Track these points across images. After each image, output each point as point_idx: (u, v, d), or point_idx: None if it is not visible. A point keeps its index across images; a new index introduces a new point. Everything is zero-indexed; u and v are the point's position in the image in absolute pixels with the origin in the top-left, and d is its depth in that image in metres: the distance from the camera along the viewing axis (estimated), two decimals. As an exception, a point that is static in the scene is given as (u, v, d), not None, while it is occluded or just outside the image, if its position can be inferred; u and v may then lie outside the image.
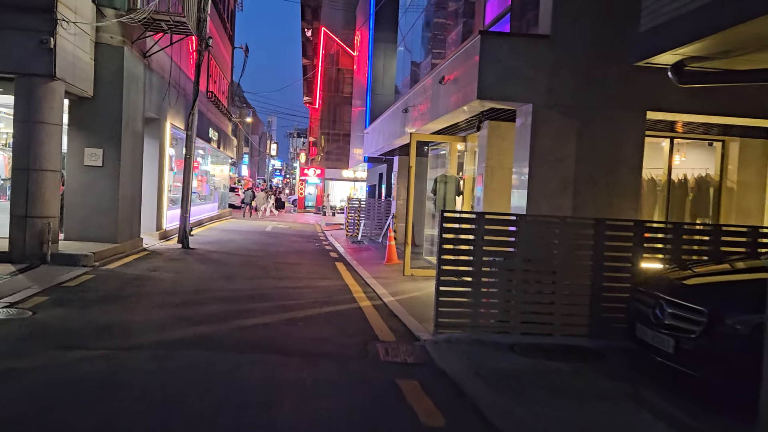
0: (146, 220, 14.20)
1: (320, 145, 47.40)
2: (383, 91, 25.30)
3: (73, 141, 11.10)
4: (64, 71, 9.47)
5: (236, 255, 12.72)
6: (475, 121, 9.25)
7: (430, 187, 13.50)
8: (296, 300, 7.97)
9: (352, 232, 20.42)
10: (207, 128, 21.66)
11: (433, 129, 10.29)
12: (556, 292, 6.32)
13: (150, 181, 14.26)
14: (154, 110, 13.85)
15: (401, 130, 12.34)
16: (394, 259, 12.49)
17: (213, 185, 26.67)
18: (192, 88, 18.49)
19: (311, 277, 10.28)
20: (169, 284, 8.52)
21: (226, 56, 27.76)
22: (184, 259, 11.39)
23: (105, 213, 11.19)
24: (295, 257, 13.23)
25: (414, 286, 9.51)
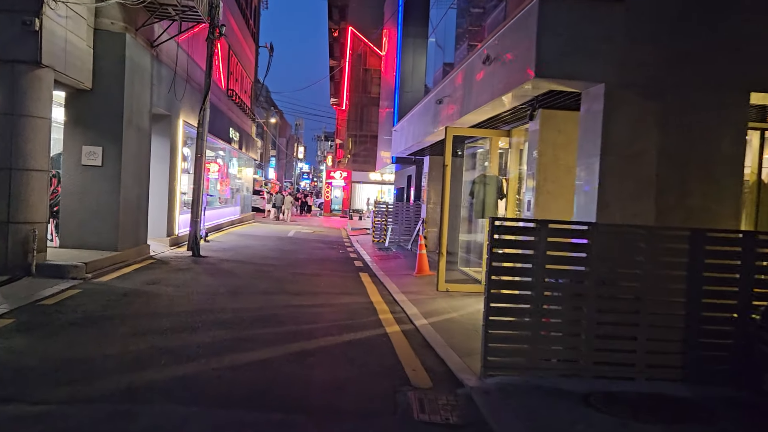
0: (156, 226, 13.11)
1: (347, 147, 46.36)
2: (412, 88, 23.98)
3: (70, 138, 10.01)
4: (52, 58, 8.36)
5: (250, 264, 11.50)
6: (521, 112, 7.84)
7: (466, 190, 12.08)
8: (310, 323, 6.66)
9: (379, 237, 19.11)
10: (227, 128, 20.62)
11: (472, 122, 8.89)
12: (640, 323, 4.90)
13: (160, 182, 13.16)
14: (164, 106, 12.75)
15: (433, 125, 10.97)
16: (425, 269, 11.11)
17: (235, 188, 25.66)
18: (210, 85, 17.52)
19: (331, 292, 8.97)
20: (164, 302, 7.30)
21: (249, 54, 26.78)
22: (191, 270, 10.20)
23: (104, 217, 10.08)
24: (315, 267, 11.95)
25: (450, 304, 8.13)
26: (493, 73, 7.07)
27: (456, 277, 10.70)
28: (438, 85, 10.36)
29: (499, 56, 6.72)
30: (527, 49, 5.77)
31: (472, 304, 8.23)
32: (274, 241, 17.14)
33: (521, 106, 7.32)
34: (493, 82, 7.11)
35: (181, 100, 14.07)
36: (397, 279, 10.50)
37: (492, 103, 7.35)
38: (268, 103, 69.05)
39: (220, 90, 19.85)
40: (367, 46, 43.44)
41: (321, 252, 15.25)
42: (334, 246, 17.28)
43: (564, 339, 4.92)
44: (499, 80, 6.85)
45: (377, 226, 19.24)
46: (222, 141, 20.03)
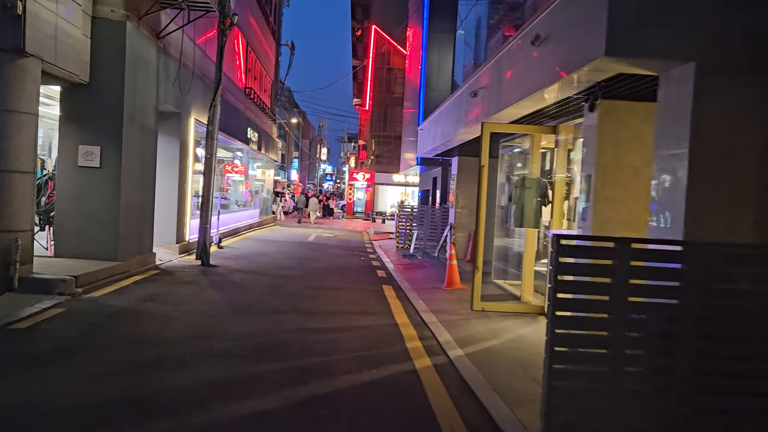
0: (164, 232, 12.21)
1: (370, 148, 45.40)
2: (438, 86, 22.88)
3: (66, 137, 9.13)
4: (39, 46, 7.45)
5: (263, 275, 10.49)
6: (571, 104, 6.68)
7: (500, 193, 10.92)
8: (324, 355, 5.59)
9: (403, 243, 18.00)
10: (245, 127, 19.74)
11: (513, 116, 7.75)
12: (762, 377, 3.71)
13: (169, 185, 12.27)
14: (172, 103, 11.83)
15: (465, 121, 9.84)
16: (456, 282, 9.98)
17: (254, 190, 24.82)
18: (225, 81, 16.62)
19: (350, 311, 7.89)
20: (155, 325, 6.30)
21: (268, 52, 25.93)
22: (196, 282, 9.22)
23: (103, 224, 9.17)
24: (334, 278, 10.90)
25: (488, 328, 6.99)
26: (543, 57, 5.93)
27: (491, 291, 9.55)
28: (470, 77, 9.25)
29: (552, 35, 5.58)
30: (593, 22, 4.62)
31: (513, 327, 7.08)
32: (292, 247, 16.15)
33: (575, 97, 6.15)
34: (542, 68, 5.97)
35: (193, 97, 13.17)
36: (424, 293, 9.39)
37: (539, 93, 6.21)
38: (290, 104, 68.46)
39: (237, 88, 18.97)
40: (390, 45, 42.56)
41: (341, 260, 14.20)
42: (355, 252, 16.23)
43: (650, 395, 3.76)
44: (551, 64, 5.71)
45: (401, 231, 18.15)
46: (239, 141, 19.16)
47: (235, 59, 18.51)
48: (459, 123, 10.44)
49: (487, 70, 8.37)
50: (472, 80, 9.28)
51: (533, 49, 6.12)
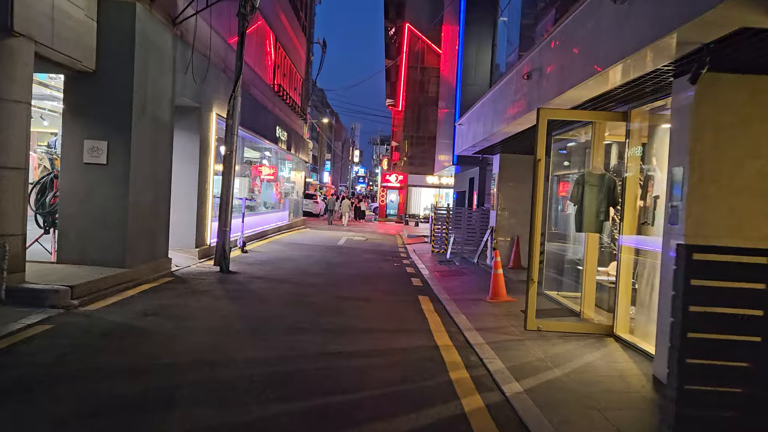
0: (182, 235, 11.35)
1: (403, 149, 44.36)
2: (475, 81, 21.65)
3: (70, 131, 8.30)
4: (32, 25, 6.59)
5: (286, 283, 9.49)
6: (652, 82, 5.46)
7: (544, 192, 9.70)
8: (348, 392, 4.50)
9: (439, 247, 16.86)
10: (273, 126, 18.89)
11: (576, 100, 6.55)
12: None
13: (187, 185, 11.41)
14: (191, 96, 10.96)
15: (513, 111, 8.65)
16: (501, 294, 8.80)
17: (283, 191, 23.99)
18: (250, 75, 15.78)
19: (383, 329, 6.80)
20: (152, 347, 5.32)
21: (299, 48, 25.10)
22: (210, 292, 8.26)
23: (109, 227, 8.31)
24: (364, 288, 9.83)
25: (546, 352, 5.81)
26: (625, 18, 4.74)
27: (543, 305, 8.33)
28: (520, 61, 8.07)
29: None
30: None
31: (577, 353, 5.89)
32: (321, 252, 15.16)
33: (664, 69, 4.93)
34: (624, 32, 4.79)
35: (214, 91, 12.30)
36: (466, 306, 8.24)
37: (617, 67, 5.01)
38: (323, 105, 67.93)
39: (264, 84, 18.12)
40: (424, 43, 41.53)
41: (373, 266, 13.13)
42: (388, 257, 15.14)
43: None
44: (638, 26, 4.52)
45: (437, 234, 17.00)
46: (267, 140, 18.31)
47: (262, 54, 17.68)
48: (504, 114, 9.26)
49: (544, 47, 7.18)
50: (522, 63, 8.08)
51: (611, 10, 4.93)
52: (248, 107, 15.40)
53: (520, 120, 8.35)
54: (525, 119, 8.11)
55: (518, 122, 8.52)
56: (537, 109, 6.38)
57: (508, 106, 8.96)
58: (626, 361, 5.68)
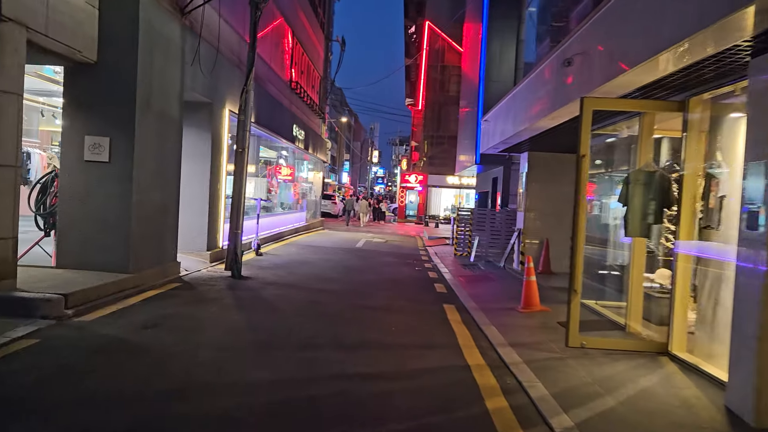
0: (193, 238, 10.80)
1: (422, 149, 43.64)
2: (499, 77, 20.84)
3: (70, 126, 7.76)
4: (22, 10, 6.04)
5: (301, 290, 8.85)
6: (714, 65, 4.70)
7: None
8: (369, 425, 3.82)
9: (462, 250, 16.12)
10: (290, 124, 18.31)
11: (626, 87, 5.79)
12: None
13: (199, 185, 10.85)
14: (202, 91, 10.39)
15: (547, 103, 7.90)
16: (534, 303, 8.05)
17: (301, 192, 23.43)
18: (266, 72, 15.21)
19: (406, 344, 6.10)
20: (144, 367, 4.69)
21: (317, 45, 24.53)
22: (219, 300, 7.65)
23: (112, 229, 7.75)
24: (384, 294, 9.15)
25: (594, 375, 5.07)
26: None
27: (581, 316, 7.57)
28: (559, 47, 7.31)
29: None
30: None
31: (629, 375, 5.14)
32: (339, 255, 14.52)
33: (739, 47, 4.17)
34: (688, 6, 4.04)
35: (227, 86, 11.73)
36: (496, 317, 7.52)
37: (679, 46, 4.27)
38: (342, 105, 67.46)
39: (281, 80, 17.55)
40: (444, 41, 40.83)
41: (393, 270, 12.45)
42: (408, 261, 14.45)
43: None
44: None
45: (460, 236, 16.27)
46: (284, 139, 17.73)
47: (279, 49, 17.11)
48: (536, 108, 8.52)
49: (587, 31, 6.42)
50: (559, 49, 7.32)
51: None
52: (264, 104, 14.85)
53: (555, 113, 7.60)
54: (562, 112, 7.36)
55: (553, 116, 7.77)
56: (581, 98, 5.65)
57: (541, 98, 8.22)
58: (689, 386, 4.91)
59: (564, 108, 7.12)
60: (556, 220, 12.40)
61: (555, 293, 9.34)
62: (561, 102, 7.20)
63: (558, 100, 7.35)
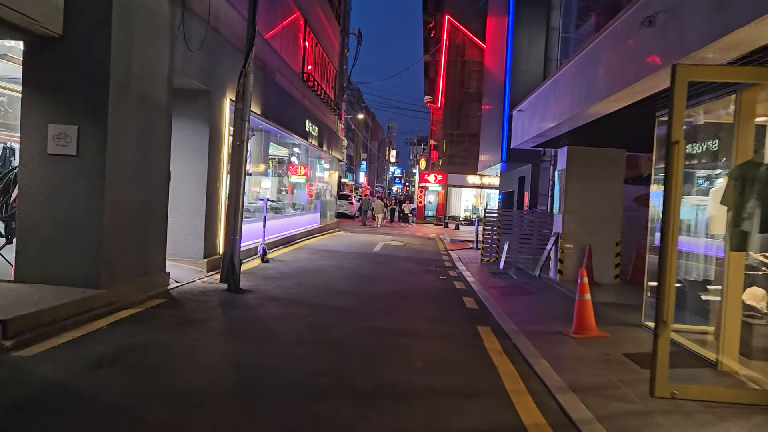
0: (188, 243, 9.52)
1: (442, 148, 42.17)
2: (528, 68, 19.42)
3: (31, 113, 6.50)
4: (-50, -40, 4.77)
5: (307, 308, 7.50)
6: None
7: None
8: None
9: (489, 256, 14.67)
10: (302, 119, 17.02)
11: (733, 49, 4.32)
12: None
13: (195, 184, 9.56)
14: (198, 77, 9.10)
15: (609, 82, 6.41)
16: (590, 326, 6.60)
17: (316, 192, 22.14)
18: (276, 61, 13.91)
19: (435, 389, 4.69)
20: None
21: (332, 38, 23.23)
22: (206, 322, 6.32)
23: (80, 235, 6.47)
24: (405, 313, 7.76)
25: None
26: None
27: (646, 344, 6.13)
28: (631, 6, 5.81)
29: None
30: None
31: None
32: (353, 261, 13.16)
33: None
34: None
35: (229, 73, 10.40)
36: (544, 344, 6.10)
37: None
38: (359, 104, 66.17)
39: (293, 73, 16.26)
40: (465, 36, 39.39)
41: (415, 279, 11.05)
42: (431, 267, 13.04)
43: None
44: None
45: (487, 240, 14.82)
46: (296, 135, 16.44)
47: (291, 39, 15.82)
48: (589, 91, 7.05)
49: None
50: (632, 11, 5.84)
51: None
52: (273, 96, 13.56)
53: (617, 95, 6.12)
54: (627, 93, 5.90)
55: (613, 99, 6.29)
56: (672, 66, 4.19)
57: (595, 79, 6.74)
58: None
59: (629, 89, 5.64)
60: (599, 224, 10.93)
61: (606, 311, 7.90)
62: (627, 78, 5.73)
63: (622, 76, 5.88)
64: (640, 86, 5.49)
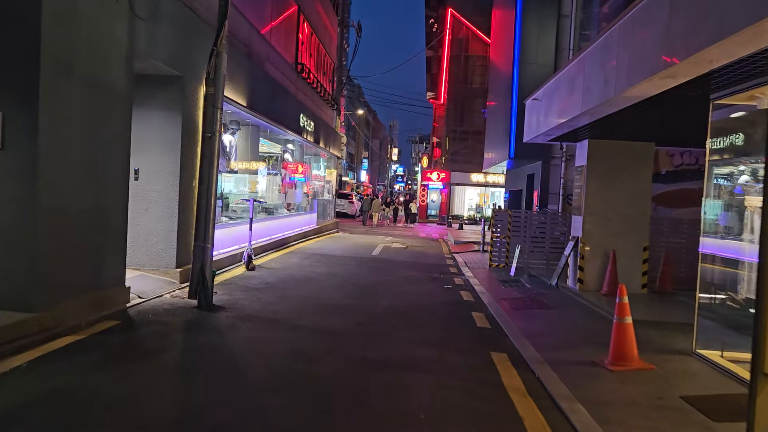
0: (158, 251, 8.36)
1: (445, 145, 40.99)
2: (537, 60, 18.25)
3: (-53, 96, 5.32)
4: None
5: (289, 330, 6.30)
6: None
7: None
8: None
9: (499, 260, 13.47)
10: (296, 113, 15.82)
11: None
12: None
13: (165, 183, 8.39)
14: (168, 60, 7.91)
15: (665, 51, 5.16)
16: (632, 355, 5.41)
17: (311, 191, 20.95)
18: (265, 49, 12.70)
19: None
20: None
21: (329, 28, 22.03)
22: (158, 355, 5.13)
23: (8, 247, 5.30)
24: (404, 336, 6.55)
25: None
26: None
27: (700, 379, 4.94)
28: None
29: None
30: None
31: None
32: (349, 267, 11.96)
33: None
34: None
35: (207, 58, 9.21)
36: (576, 381, 4.91)
37: None
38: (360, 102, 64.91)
39: (286, 63, 15.08)
40: (469, 30, 38.23)
41: (416, 289, 9.85)
42: (434, 274, 11.84)
43: None
44: None
45: (496, 242, 13.63)
46: (289, 131, 15.25)
47: (283, 26, 14.62)
48: (633, 65, 5.82)
49: None
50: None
51: None
52: (262, 87, 12.37)
53: (676, 68, 4.89)
54: (690, 65, 4.67)
55: (668, 74, 5.05)
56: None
57: (645, 49, 5.51)
58: None
59: (700, 55, 4.41)
60: (624, 226, 9.73)
61: (641, 331, 6.66)
62: (697, 42, 4.49)
63: (687, 42, 4.64)
64: (718, 51, 4.20)
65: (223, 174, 12.03)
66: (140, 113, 8.33)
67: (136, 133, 8.29)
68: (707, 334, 5.86)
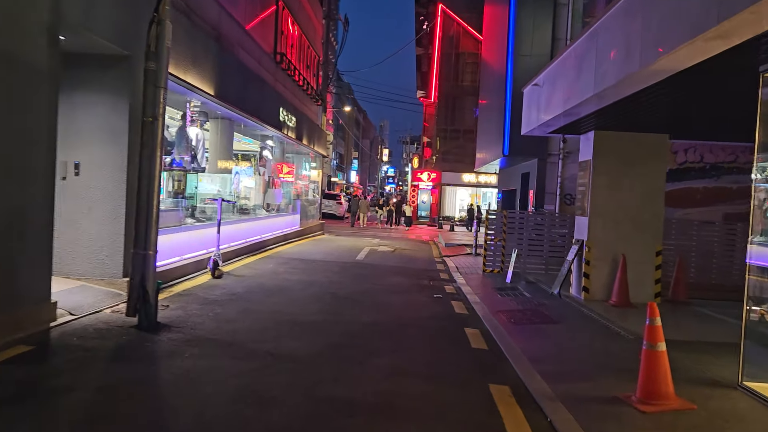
0: (102, 259, 7.23)
1: (435, 144, 40.02)
2: (532, 51, 17.22)
3: None
4: None
5: (243, 358, 5.17)
6: None
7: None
8: None
9: (493, 265, 12.39)
10: (275, 107, 14.68)
11: None
12: None
13: (109, 179, 7.26)
14: (110, 36, 6.75)
15: (713, 7, 4.09)
16: (667, 394, 4.31)
17: (294, 191, 19.81)
18: (236, 32, 11.56)
19: None
20: None
21: (313, 19, 20.90)
22: (61, 398, 3.99)
23: None
24: (385, 364, 5.42)
25: None
26: None
27: (761, 425, 3.87)
28: None
29: None
30: None
31: None
32: (329, 274, 10.83)
33: None
34: None
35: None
36: (598, 426, 3.82)
37: None
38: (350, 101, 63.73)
39: (262, 52, 13.94)
40: (460, 26, 37.31)
41: (402, 300, 8.74)
42: (423, 282, 10.74)
43: None
44: None
45: (490, 245, 12.55)
46: (267, 125, 14.10)
47: (257, 11, 13.48)
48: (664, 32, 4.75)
49: None
50: None
51: None
52: (234, 75, 11.23)
53: (728, 22, 3.81)
54: (747, 15, 3.61)
55: (715, 34, 3.97)
56: None
57: (682, 7, 4.42)
58: None
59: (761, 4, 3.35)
60: (635, 228, 8.70)
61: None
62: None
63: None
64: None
65: (192, 172, 10.90)
66: (80, 99, 7.23)
67: (76, 122, 7.20)
68: (752, 361, 4.80)
